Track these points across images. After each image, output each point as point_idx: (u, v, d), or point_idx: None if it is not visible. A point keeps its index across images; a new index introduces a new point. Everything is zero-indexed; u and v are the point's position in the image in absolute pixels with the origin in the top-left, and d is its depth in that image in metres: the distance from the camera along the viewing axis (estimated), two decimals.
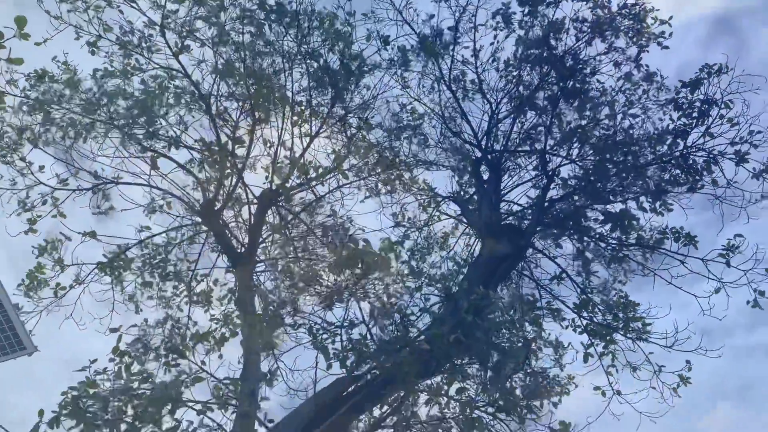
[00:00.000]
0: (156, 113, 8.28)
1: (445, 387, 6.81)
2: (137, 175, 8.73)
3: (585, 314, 8.40)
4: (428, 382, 7.09)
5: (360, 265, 7.42)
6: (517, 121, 9.25)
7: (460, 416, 6.84)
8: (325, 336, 7.20)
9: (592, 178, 8.12)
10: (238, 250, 8.68)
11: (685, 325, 7.72)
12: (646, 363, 8.13)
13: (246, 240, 8.83)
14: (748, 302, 7.72)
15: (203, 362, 7.07)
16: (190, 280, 9.27)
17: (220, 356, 8.39)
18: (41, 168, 8.52)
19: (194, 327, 8.71)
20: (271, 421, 7.08)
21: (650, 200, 8.12)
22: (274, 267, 8.85)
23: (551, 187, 8.70)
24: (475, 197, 9.64)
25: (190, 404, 6.89)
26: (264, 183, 9.02)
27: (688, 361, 7.71)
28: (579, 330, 8.46)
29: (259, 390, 7.19)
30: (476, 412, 6.73)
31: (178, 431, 6.76)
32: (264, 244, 9.09)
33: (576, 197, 8.38)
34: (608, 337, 8.16)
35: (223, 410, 6.90)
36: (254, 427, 6.85)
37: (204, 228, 9.20)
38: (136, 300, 9.19)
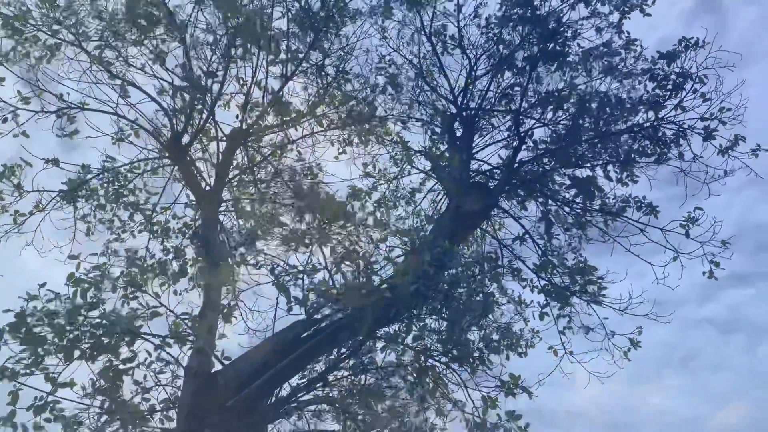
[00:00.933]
0: (128, 38, 8.01)
1: (403, 335, 6.91)
2: (104, 103, 8.49)
3: (544, 275, 8.57)
4: (386, 329, 7.19)
5: (325, 213, 7.42)
6: (495, 80, 9.22)
7: (415, 363, 6.98)
8: (287, 278, 7.22)
9: (562, 142, 8.19)
10: (204, 187, 8.56)
11: (639, 292, 7.98)
12: (599, 326, 8.37)
13: (212, 178, 8.71)
14: (703, 273, 7.99)
15: (160, 296, 7.03)
16: (152, 212, 9.14)
17: (175, 292, 8.39)
18: (2, 80, 8.18)
19: (152, 260, 8.64)
20: (228, 358, 7.12)
21: (617, 169, 8.25)
22: (239, 207, 8.76)
23: (522, 148, 8.75)
24: (447, 154, 9.64)
25: (147, 337, 6.88)
26: (235, 121, 8.88)
27: (639, 327, 7.99)
28: (537, 290, 8.64)
29: (217, 327, 7.21)
30: (430, 360, 6.88)
31: (134, 363, 6.77)
32: (230, 184, 8.97)
33: (545, 160, 8.46)
34: (565, 299, 8.36)
35: (180, 345, 6.91)
36: (211, 363, 6.88)
37: (169, 162, 9.03)
38: (90, 225, 9.02)
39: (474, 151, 9.32)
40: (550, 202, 8.90)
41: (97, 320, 6.30)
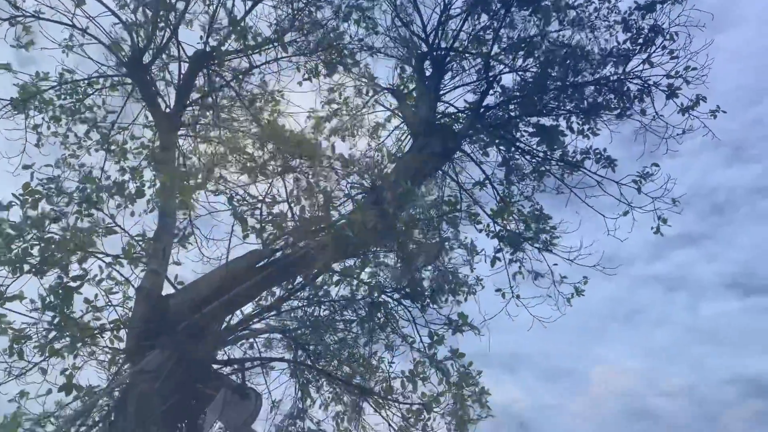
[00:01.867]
0: None
1: (358, 271, 7.00)
2: (62, 13, 8.09)
3: (500, 221, 8.72)
4: (342, 264, 7.27)
5: (286, 143, 7.32)
6: (468, 20, 9.08)
7: (368, 298, 7.11)
8: (244, 208, 7.18)
9: (530, 89, 8.19)
10: (163, 109, 8.34)
11: (589, 243, 8.21)
12: (548, 274, 8.61)
13: (172, 100, 8.49)
14: (651, 228, 8.25)
15: (114, 216, 6.93)
16: (109, 130, 8.90)
17: (132, 214, 8.27)
18: None
19: (108, 180, 8.47)
20: (181, 283, 7.12)
21: (580, 121, 8.32)
22: (199, 132, 8.59)
23: (489, 93, 8.73)
24: (414, 93, 9.57)
25: (100, 255, 6.82)
26: (198, 43, 8.59)
27: (585, 276, 8.26)
28: (492, 235, 8.80)
29: (171, 251, 7.17)
30: (383, 296, 7.01)
31: (84, 280, 6.72)
32: (190, 108, 8.76)
33: (511, 107, 8.47)
34: (517, 245, 8.54)
35: (132, 266, 6.86)
36: (163, 285, 6.87)
37: (129, 80, 8.74)
38: (41, 137, 8.74)
39: (442, 92, 9.26)
40: (512, 149, 8.97)
41: (49, 234, 6.20)
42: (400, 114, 9.53)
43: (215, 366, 7.03)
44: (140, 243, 7.00)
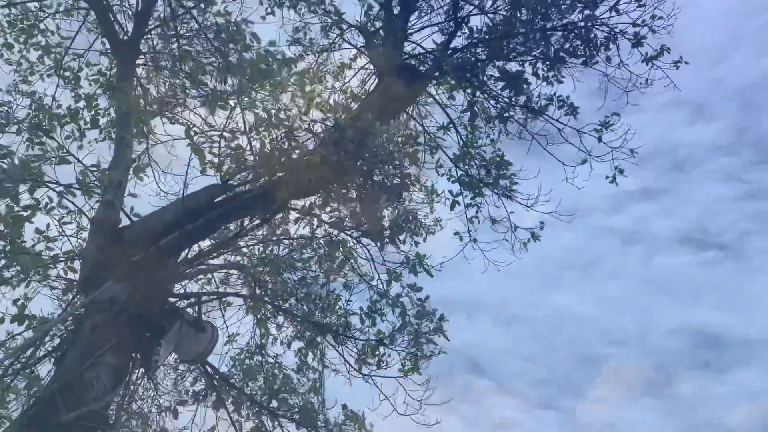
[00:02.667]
0: None
1: (317, 208, 6.97)
2: None
3: (461, 165, 8.75)
4: (302, 202, 7.22)
5: (248, 74, 7.15)
6: None
7: (327, 236, 7.12)
8: (202, 140, 7.03)
9: (498, 32, 8.10)
10: (121, 37, 8.04)
11: (548, 191, 8.33)
12: (506, 219, 8.74)
13: (130, 27, 8.17)
14: (606, 177, 8.38)
15: (66, 145, 6.73)
16: (63, 57, 8.54)
17: (84, 144, 8.04)
18: None
19: (60, 108, 8.17)
20: (137, 215, 7.00)
21: (546, 67, 8.30)
22: (157, 61, 8.32)
23: (457, 35, 8.61)
24: (381, 32, 9.38)
25: (52, 185, 6.64)
26: None
27: (541, 222, 8.39)
28: (453, 179, 8.84)
29: (126, 182, 7.03)
30: (342, 234, 7.02)
31: (36, 209, 6.56)
32: (149, 36, 8.45)
33: (478, 50, 8.38)
34: (477, 190, 8.61)
35: (86, 196, 6.71)
36: (118, 218, 6.76)
37: (84, 4, 8.36)
38: None
39: (409, 32, 9.10)
40: (477, 93, 8.92)
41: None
42: (366, 53, 9.36)
43: (171, 299, 7.00)
44: (94, 173, 6.84)
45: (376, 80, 8.95)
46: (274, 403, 7.69)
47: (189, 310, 7.02)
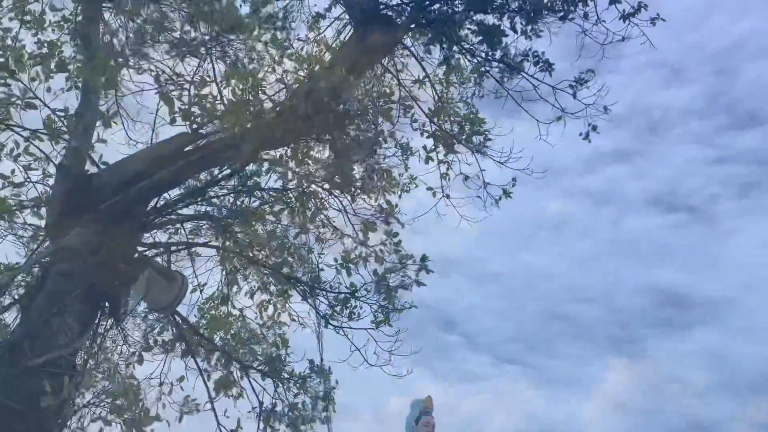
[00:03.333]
0: None
1: (288, 159, 6.93)
2: None
3: (436, 121, 8.71)
4: (272, 153, 7.16)
5: (219, 22, 6.99)
6: None
7: (299, 188, 7.09)
8: (172, 88, 6.91)
9: None
10: None
11: (520, 149, 8.37)
12: (478, 175, 8.77)
13: None
14: (580, 134, 8.42)
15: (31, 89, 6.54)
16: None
17: (49, 89, 7.82)
18: None
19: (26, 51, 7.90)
20: (105, 163, 6.89)
21: (524, 21, 8.21)
22: (125, 5, 8.07)
23: None
24: None
25: (17, 129, 6.51)
26: None
27: (513, 178, 8.44)
28: (427, 135, 8.80)
29: (94, 129, 6.89)
30: (313, 186, 7.00)
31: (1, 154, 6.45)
32: None
33: (456, 1, 8.25)
34: (451, 146, 8.60)
35: (53, 142, 6.58)
36: (85, 164, 6.65)
37: None
38: None
39: None
40: (454, 47, 8.82)
41: None
42: (341, 1, 9.18)
43: (140, 248, 6.97)
44: (62, 119, 6.69)
45: (352, 31, 8.80)
46: (242, 354, 7.77)
47: (158, 259, 7.01)
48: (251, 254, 7.68)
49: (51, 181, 6.80)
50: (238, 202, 7.99)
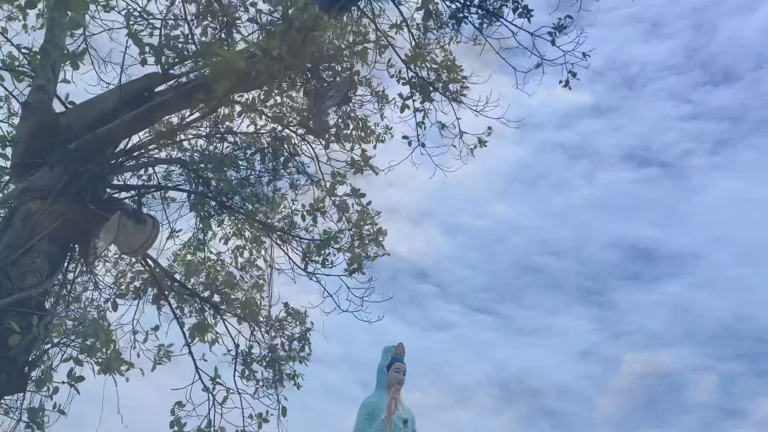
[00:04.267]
0: None
1: (261, 102, 6.81)
2: None
3: (412, 67, 8.59)
4: (245, 96, 7.04)
5: None
6: None
7: (271, 132, 7.00)
8: (140, 28, 6.71)
9: None
10: None
11: (497, 97, 8.33)
12: (454, 126, 8.73)
13: None
14: (560, 81, 8.39)
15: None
16: None
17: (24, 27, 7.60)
18: None
19: None
20: (72, 102, 6.72)
21: None
22: None
23: None
24: None
25: None
26: None
27: (489, 127, 8.42)
28: (403, 81, 8.70)
29: (61, 67, 6.69)
30: (287, 130, 6.91)
31: None
32: None
33: None
34: (427, 93, 8.51)
35: (16, 80, 6.39)
36: (51, 104, 6.47)
37: None
38: None
39: None
40: None
41: None
42: None
43: (110, 191, 6.86)
44: (27, 56, 6.48)
45: None
46: (217, 298, 7.78)
47: (129, 202, 6.90)
48: (224, 200, 7.60)
49: (15, 121, 6.62)
50: (211, 147, 7.89)
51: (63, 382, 5.60)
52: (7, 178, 6.40)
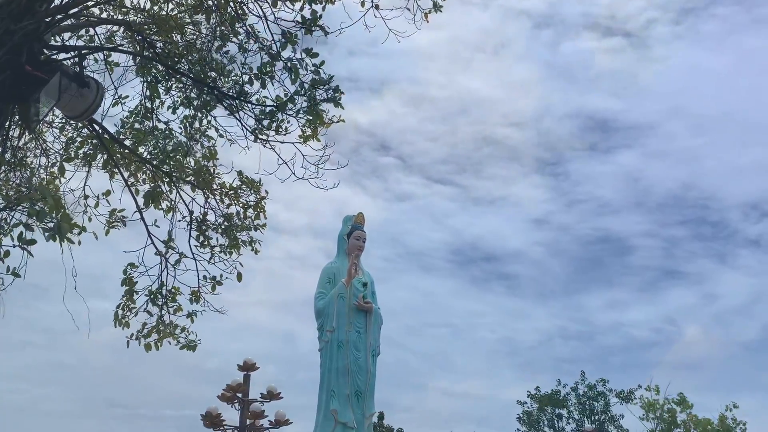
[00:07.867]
0: None
1: None
2: None
3: None
4: None
5: None
6: None
7: None
8: None
9: None
10: None
11: None
12: None
13: None
14: None
15: None
16: None
17: None
18: None
19: None
20: None
21: None
22: None
23: None
24: None
25: None
26: None
27: None
28: None
29: None
30: None
31: None
32: None
33: None
34: None
35: None
36: None
37: None
38: None
39: None
40: None
41: None
42: None
43: (48, 52, 6.54)
44: None
45: None
46: (170, 165, 7.71)
47: (69, 63, 6.62)
48: (171, 63, 7.34)
49: None
50: (155, 8, 7.52)
51: (14, 246, 5.58)
52: None
